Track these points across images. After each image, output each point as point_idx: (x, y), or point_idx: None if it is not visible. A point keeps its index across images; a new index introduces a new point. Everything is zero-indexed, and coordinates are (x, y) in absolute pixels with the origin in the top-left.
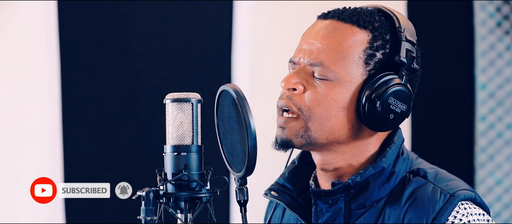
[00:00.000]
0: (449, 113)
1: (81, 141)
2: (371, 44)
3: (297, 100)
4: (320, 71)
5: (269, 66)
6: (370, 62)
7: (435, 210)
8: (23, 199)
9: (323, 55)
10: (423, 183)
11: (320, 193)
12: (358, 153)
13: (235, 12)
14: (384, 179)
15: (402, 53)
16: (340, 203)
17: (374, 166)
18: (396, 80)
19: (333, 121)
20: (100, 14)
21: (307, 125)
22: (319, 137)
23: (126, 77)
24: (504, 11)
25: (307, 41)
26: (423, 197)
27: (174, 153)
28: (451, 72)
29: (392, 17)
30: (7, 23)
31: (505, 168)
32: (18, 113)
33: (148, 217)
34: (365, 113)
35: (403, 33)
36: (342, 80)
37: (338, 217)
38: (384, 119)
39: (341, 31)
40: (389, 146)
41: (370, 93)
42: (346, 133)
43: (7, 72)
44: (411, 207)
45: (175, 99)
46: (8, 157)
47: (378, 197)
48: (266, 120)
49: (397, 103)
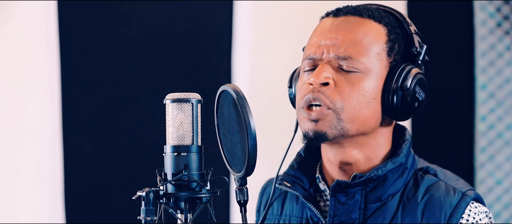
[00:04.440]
0: (449, 113)
1: (81, 141)
2: (388, 37)
3: (329, 94)
4: (349, 63)
5: (269, 66)
6: (391, 54)
7: (452, 206)
8: (23, 199)
9: (350, 49)
10: (435, 181)
11: (342, 184)
12: (375, 145)
13: (235, 12)
14: (399, 174)
15: (416, 43)
16: (357, 195)
17: (394, 161)
18: (417, 69)
19: (365, 112)
20: (100, 14)
21: (340, 117)
22: (351, 128)
23: (126, 77)
24: (504, 11)
25: (327, 37)
26: (439, 195)
27: (174, 153)
28: (451, 72)
29: (396, 14)
30: (7, 23)
31: (505, 168)
32: (18, 113)
33: (148, 217)
34: (394, 102)
35: (411, 27)
36: (369, 72)
37: (354, 209)
38: (411, 107)
39: (362, 25)
40: (403, 142)
41: (400, 83)
42: (374, 124)
43: (7, 72)
44: (429, 204)
45: (175, 99)
46: (8, 157)
47: (393, 191)
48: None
49: (420, 91)
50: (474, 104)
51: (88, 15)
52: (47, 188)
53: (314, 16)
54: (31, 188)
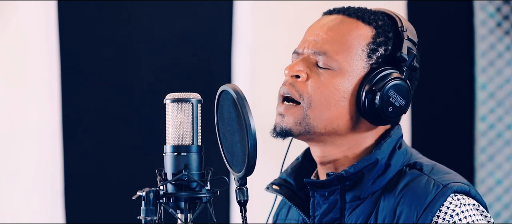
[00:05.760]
0: (449, 113)
1: (81, 141)
2: (374, 39)
3: (299, 87)
4: (323, 60)
5: (269, 66)
6: (373, 56)
7: (426, 200)
8: (23, 199)
9: (327, 45)
10: (418, 175)
11: (316, 184)
12: (355, 146)
13: (235, 12)
14: (379, 172)
15: (404, 49)
16: (336, 195)
17: (368, 158)
18: (397, 75)
19: (333, 110)
20: (100, 14)
21: (306, 112)
22: (317, 126)
23: (126, 77)
24: (504, 11)
25: (312, 33)
26: (416, 188)
27: (174, 153)
28: (451, 72)
29: (395, 18)
30: (7, 23)
31: (505, 168)
32: (18, 113)
33: (148, 217)
34: (365, 104)
35: (406, 32)
36: (344, 71)
37: (334, 208)
38: (383, 111)
39: (346, 25)
40: (384, 139)
41: (371, 85)
42: (344, 124)
43: (7, 72)
44: (404, 198)
45: (175, 99)
46: (8, 157)
47: (373, 189)
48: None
49: (396, 96)
50: (474, 104)
51: (88, 15)
52: (47, 188)
53: (314, 16)
54: (31, 188)
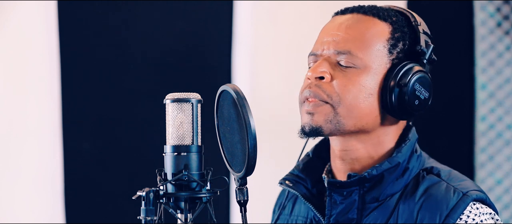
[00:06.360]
0: (449, 113)
1: (81, 141)
2: (392, 35)
3: (326, 88)
4: (347, 58)
5: (269, 66)
6: (393, 52)
7: (448, 207)
8: (23, 199)
9: (349, 44)
10: (437, 181)
11: (336, 184)
12: (378, 143)
13: (235, 12)
14: (398, 174)
15: (422, 42)
16: (354, 195)
17: (390, 161)
18: (419, 68)
19: (362, 107)
20: (100, 14)
21: (336, 110)
22: (347, 123)
23: (126, 77)
24: (504, 11)
25: (329, 34)
26: (437, 194)
27: (174, 153)
28: (451, 72)
29: (406, 14)
30: (7, 23)
31: (505, 168)
32: (18, 113)
33: (148, 217)
34: (392, 99)
35: (420, 26)
36: (368, 68)
37: (352, 209)
38: (410, 105)
39: (364, 22)
40: (404, 142)
41: (397, 80)
42: (372, 120)
43: (7, 72)
44: (425, 203)
45: (175, 99)
46: (8, 157)
47: (391, 191)
48: (266, 120)
49: (421, 89)
50: (474, 104)
51: (88, 15)
52: (47, 188)
53: (314, 16)
54: (31, 188)
